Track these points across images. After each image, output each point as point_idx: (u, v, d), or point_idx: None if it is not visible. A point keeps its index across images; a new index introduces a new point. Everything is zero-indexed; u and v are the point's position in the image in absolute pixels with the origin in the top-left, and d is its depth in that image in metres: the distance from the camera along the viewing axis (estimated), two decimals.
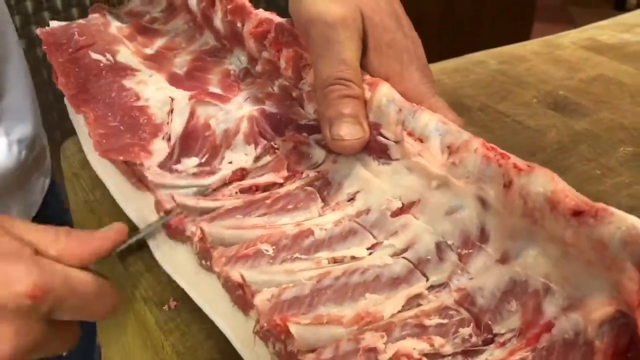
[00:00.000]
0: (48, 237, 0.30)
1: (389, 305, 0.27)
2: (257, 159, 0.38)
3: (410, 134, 0.32)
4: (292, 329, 0.26)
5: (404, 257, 0.29)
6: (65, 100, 0.54)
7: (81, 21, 0.52)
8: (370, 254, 0.30)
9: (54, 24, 0.53)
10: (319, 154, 0.36)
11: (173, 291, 0.34)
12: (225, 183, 0.37)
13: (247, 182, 0.36)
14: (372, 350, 0.25)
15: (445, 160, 0.30)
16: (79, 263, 0.30)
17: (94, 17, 0.53)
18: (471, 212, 0.28)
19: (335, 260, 0.30)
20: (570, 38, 0.65)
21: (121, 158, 0.40)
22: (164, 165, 0.39)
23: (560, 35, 0.67)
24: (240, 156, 0.39)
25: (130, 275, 0.36)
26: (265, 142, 0.39)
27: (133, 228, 0.37)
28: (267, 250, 0.31)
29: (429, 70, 0.36)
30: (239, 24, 0.44)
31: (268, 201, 0.34)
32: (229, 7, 0.44)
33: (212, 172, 0.38)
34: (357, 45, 0.34)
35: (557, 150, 0.46)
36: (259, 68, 0.44)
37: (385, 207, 0.31)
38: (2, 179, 0.54)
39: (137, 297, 0.35)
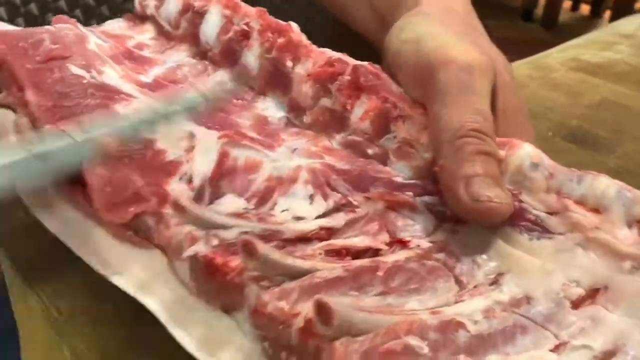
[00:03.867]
0: None
1: None
2: (326, 214, 0.28)
3: (579, 203, 0.25)
4: None
5: None
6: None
7: (50, 27, 0.39)
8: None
9: (2, 24, 0.39)
10: (426, 220, 0.28)
11: None
12: (305, 238, 0.26)
13: (338, 242, 0.26)
14: None
15: (639, 237, 0.24)
16: None
17: (64, 27, 0.41)
18: None
19: None
20: (554, 58, 0.64)
21: (132, 210, 0.27)
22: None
23: (542, 55, 0.65)
24: (300, 204, 0.28)
25: None
26: (338, 195, 0.29)
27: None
28: (421, 348, 0.20)
29: None
30: (288, 63, 0.36)
31: (380, 274, 0.24)
32: (279, 41, 0.36)
33: (262, 219, 0.27)
34: (490, 98, 0.28)
35: None
36: (307, 119, 0.35)
37: (563, 295, 0.23)
38: None
39: None
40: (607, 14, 2.53)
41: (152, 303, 0.26)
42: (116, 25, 0.47)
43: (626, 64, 0.64)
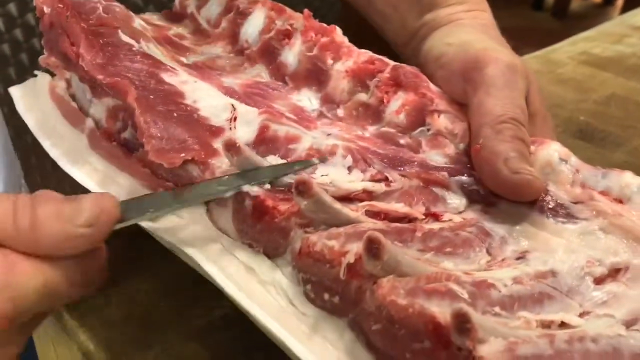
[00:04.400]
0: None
1: None
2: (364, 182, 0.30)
3: (604, 194, 0.27)
4: None
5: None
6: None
7: (101, 0, 0.41)
8: None
9: None
10: (458, 199, 0.29)
11: None
12: (348, 198, 0.27)
13: (379, 204, 0.27)
14: None
15: None
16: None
17: (113, 3, 0.43)
18: None
19: (542, 324, 0.22)
20: (564, 52, 0.64)
21: (182, 156, 0.28)
22: None
23: (552, 49, 0.65)
24: (339, 172, 0.30)
25: None
26: (375, 170, 0.31)
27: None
28: (462, 293, 0.22)
29: None
30: (329, 61, 0.38)
31: (419, 234, 0.25)
32: (322, 40, 0.39)
33: None
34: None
35: None
36: (341, 112, 0.37)
37: (586, 272, 0.25)
38: None
39: None
40: (620, 1, 2.47)
41: (186, 245, 0.27)
42: (155, 17, 0.49)
43: (637, 57, 0.63)
